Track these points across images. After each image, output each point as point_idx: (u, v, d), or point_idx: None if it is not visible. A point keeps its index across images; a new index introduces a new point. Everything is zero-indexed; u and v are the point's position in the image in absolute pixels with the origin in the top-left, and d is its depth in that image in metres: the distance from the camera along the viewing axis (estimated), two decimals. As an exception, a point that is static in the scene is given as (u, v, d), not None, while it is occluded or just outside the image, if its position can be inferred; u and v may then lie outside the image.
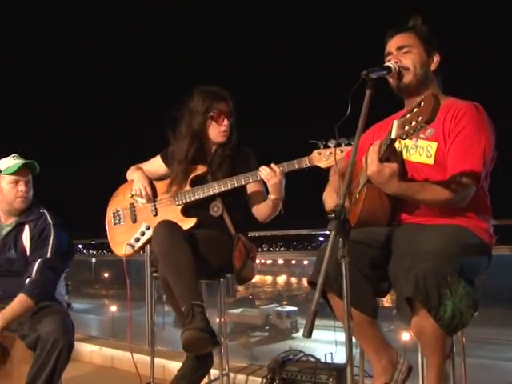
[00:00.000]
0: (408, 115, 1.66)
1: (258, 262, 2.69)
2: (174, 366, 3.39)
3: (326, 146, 2.40)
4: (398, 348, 2.09)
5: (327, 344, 3.53)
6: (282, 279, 19.71)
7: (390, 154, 1.85)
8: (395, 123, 1.72)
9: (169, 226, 2.36)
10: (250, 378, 3.21)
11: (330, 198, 2.21)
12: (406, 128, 1.65)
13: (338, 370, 2.59)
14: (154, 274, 2.61)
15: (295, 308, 16.49)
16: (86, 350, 4.20)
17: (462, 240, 1.83)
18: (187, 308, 2.18)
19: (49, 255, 2.61)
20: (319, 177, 2.43)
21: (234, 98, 2.69)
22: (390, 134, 1.73)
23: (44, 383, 2.39)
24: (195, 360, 2.43)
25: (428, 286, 1.67)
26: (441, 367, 1.87)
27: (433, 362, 1.85)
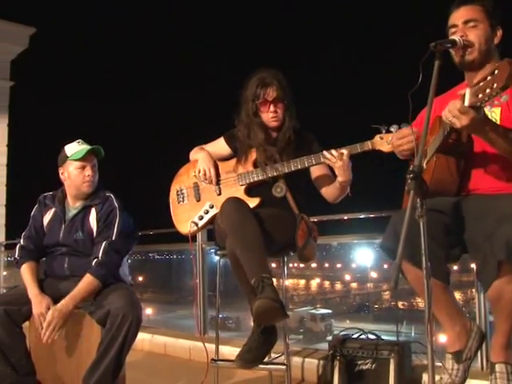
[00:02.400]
0: (481, 83, 1.70)
1: (290, 265, 2.73)
2: (225, 350, 3.46)
3: (388, 131, 2.45)
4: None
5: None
6: (315, 282, 19.72)
7: None
8: (468, 91, 1.75)
9: (237, 202, 2.42)
10: (306, 360, 3.25)
11: None
12: (480, 96, 1.70)
13: (399, 346, 2.62)
14: (219, 253, 2.68)
15: (329, 310, 16.47)
16: (138, 338, 4.26)
17: None
18: (257, 280, 2.21)
19: (114, 238, 2.69)
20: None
21: (287, 81, 2.70)
22: (464, 102, 1.76)
23: (114, 357, 2.46)
24: (261, 335, 2.46)
25: None
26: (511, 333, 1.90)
27: (505, 327, 1.89)
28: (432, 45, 1.83)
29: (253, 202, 2.59)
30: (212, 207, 2.69)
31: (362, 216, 3.66)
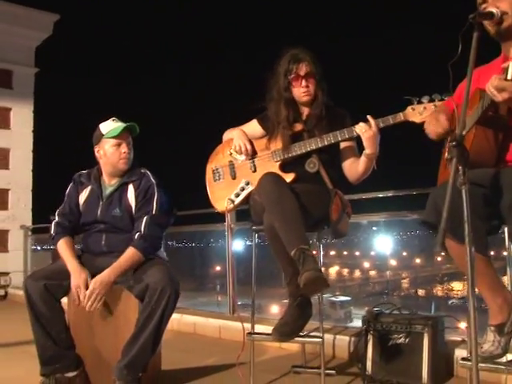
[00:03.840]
0: None
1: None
2: (257, 328, 3.51)
3: (420, 102, 2.47)
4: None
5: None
6: (333, 270, 19.70)
7: None
8: (511, 64, 1.76)
9: (274, 177, 2.46)
10: (338, 337, 3.29)
11: (432, 125, 2.24)
12: None
13: (433, 320, 2.64)
14: (254, 228, 2.71)
15: (349, 298, 16.43)
16: (168, 318, 4.35)
17: None
18: (297, 251, 2.24)
19: (154, 211, 2.73)
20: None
21: (318, 58, 2.74)
22: (506, 75, 1.77)
23: (153, 330, 2.50)
24: (297, 309, 2.49)
25: None
26: None
27: None
28: (471, 16, 1.83)
29: (288, 178, 2.62)
30: (248, 184, 2.72)
31: (390, 194, 3.67)
